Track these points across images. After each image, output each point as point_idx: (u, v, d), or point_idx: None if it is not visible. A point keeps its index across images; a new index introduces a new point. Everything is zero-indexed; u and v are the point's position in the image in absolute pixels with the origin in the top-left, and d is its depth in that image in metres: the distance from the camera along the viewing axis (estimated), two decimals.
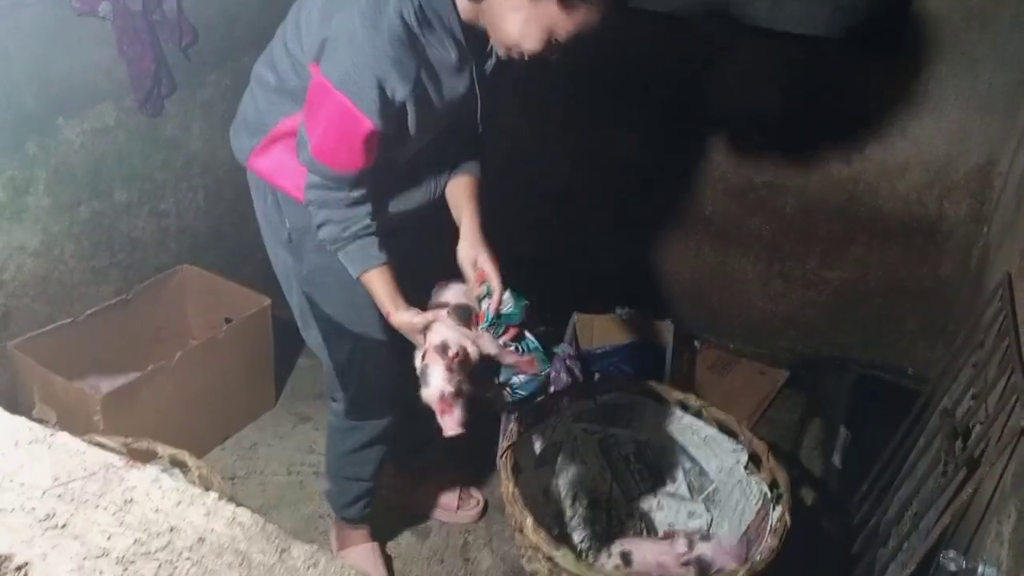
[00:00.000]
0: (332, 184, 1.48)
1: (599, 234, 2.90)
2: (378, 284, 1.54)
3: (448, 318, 1.50)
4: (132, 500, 1.00)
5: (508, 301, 1.54)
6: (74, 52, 2.08)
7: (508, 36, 1.41)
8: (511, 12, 1.38)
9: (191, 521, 0.98)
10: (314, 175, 1.49)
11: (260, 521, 0.99)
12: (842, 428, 2.39)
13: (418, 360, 1.48)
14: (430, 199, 1.69)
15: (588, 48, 1.42)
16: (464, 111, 1.57)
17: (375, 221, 1.54)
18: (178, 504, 1.00)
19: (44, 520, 0.96)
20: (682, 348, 2.73)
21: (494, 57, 1.52)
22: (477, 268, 1.57)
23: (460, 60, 1.47)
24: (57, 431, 1.11)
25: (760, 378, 2.77)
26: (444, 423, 1.45)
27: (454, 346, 1.44)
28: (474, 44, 1.48)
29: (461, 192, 1.68)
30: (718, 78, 2.57)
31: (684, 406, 2.08)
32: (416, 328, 1.50)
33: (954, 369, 2.02)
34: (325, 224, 1.52)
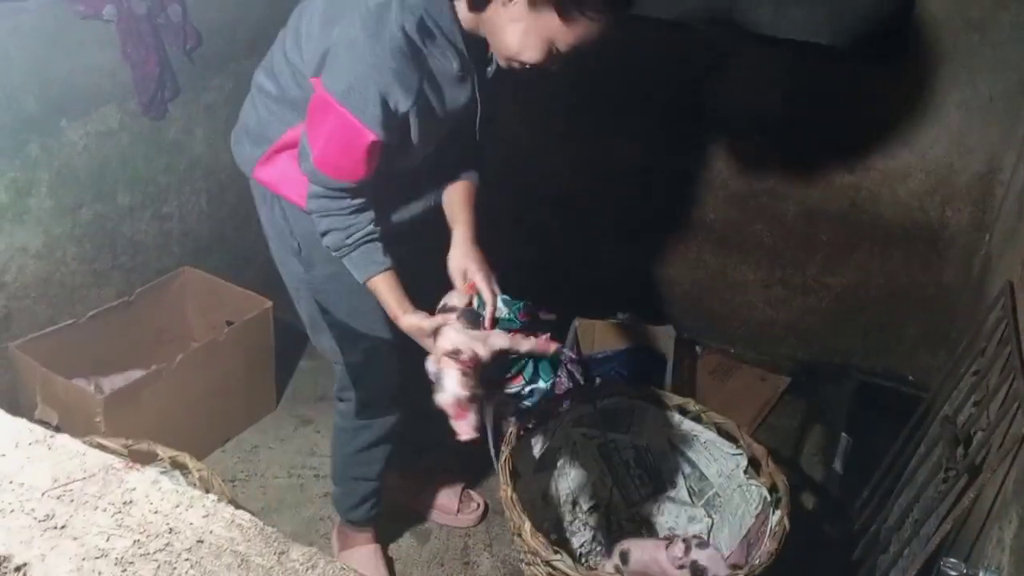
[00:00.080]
0: (334, 193, 1.49)
1: (601, 239, 2.90)
2: (384, 289, 1.55)
3: (457, 322, 1.50)
4: (131, 502, 1.00)
5: (502, 309, 1.54)
6: (78, 55, 2.09)
7: (508, 47, 1.41)
8: (511, 23, 1.38)
9: (190, 523, 0.98)
10: (316, 185, 1.49)
11: (259, 523, 0.99)
12: (843, 435, 2.38)
13: (431, 364, 1.47)
14: (429, 206, 1.69)
15: (590, 54, 1.42)
16: (464, 119, 1.57)
17: (378, 227, 1.54)
18: (177, 506, 1.00)
19: (43, 521, 0.96)
20: (683, 353, 2.72)
21: (495, 63, 1.52)
22: (467, 279, 1.56)
23: (462, 70, 1.47)
24: (57, 433, 1.11)
25: (761, 384, 2.77)
26: (458, 428, 1.45)
27: (467, 350, 1.44)
28: (475, 52, 1.48)
29: (456, 199, 1.68)
30: (720, 84, 2.58)
31: (684, 411, 2.08)
32: (425, 332, 1.49)
33: (955, 376, 2.02)
34: (329, 232, 1.53)
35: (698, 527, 2.07)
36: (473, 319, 1.52)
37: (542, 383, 1.56)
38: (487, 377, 1.48)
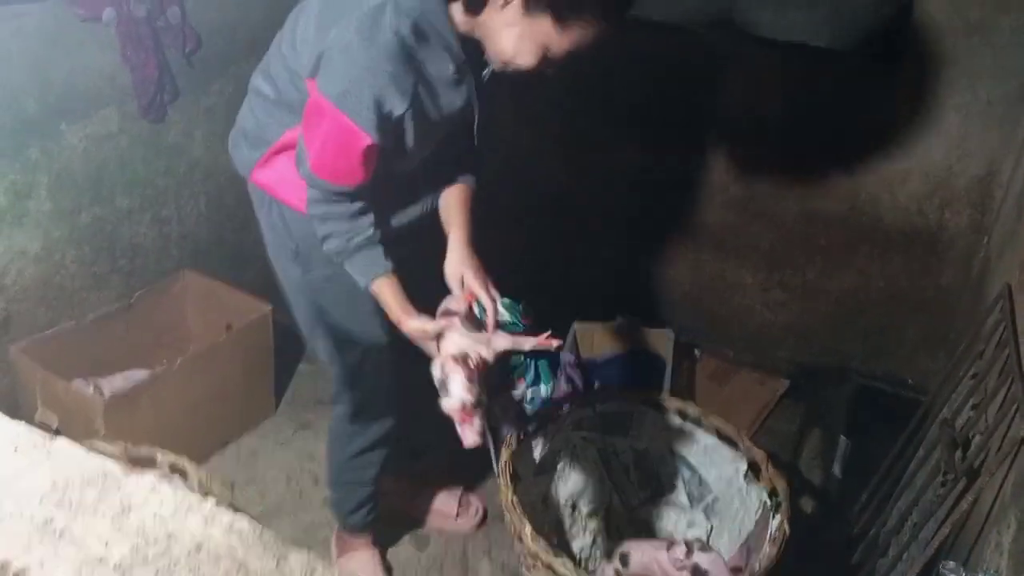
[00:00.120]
0: (333, 198, 1.49)
1: (599, 242, 2.90)
2: (387, 292, 1.54)
3: (462, 325, 1.49)
4: (130, 507, 1.00)
5: (504, 313, 1.53)
6: (77, 58, 2.09)
7: (503, 51, 1.41)
8: (506, 28, 1.38)
9: (189, 528, 0.98)
10: (314, 189, 1.49)
11: (258, 528, 0.99)
12: (842, 438, 2.38)
13: (436, 369, 1.46)
14: (427, 210, 1.69)
15: (589, 57, 1.42)
16: (461, 122, 1.57)
17: (379, 230, 1.54)
18: (176, 511, 1.00)
19: (42, 526, 0.96)
20: (682, 357, 2.73)
21: (490, 67, 1.51)
22: (464, 286, 1.56)
23: (458, 73, 1.47)
24: (57, 436, 1.11)
25: (760, 387, 2.77)
26: (464, 433, 1.45)
27: (473, 355, 1.44)
28: (471, 55, 1.47)
29: (452, 202, 1.68)
30: (719, 87, 2.58)
31: (683, 415, 2.08)
32: (429, 335, 1.49)
33: (954, 379, 2.02)
34: (329, 237, 1.53)
35: (697, 532, 2.07)
36: (477, 322, 1.52)
37: (543, 387, 1.57)
38: (490, 382, 1.48)
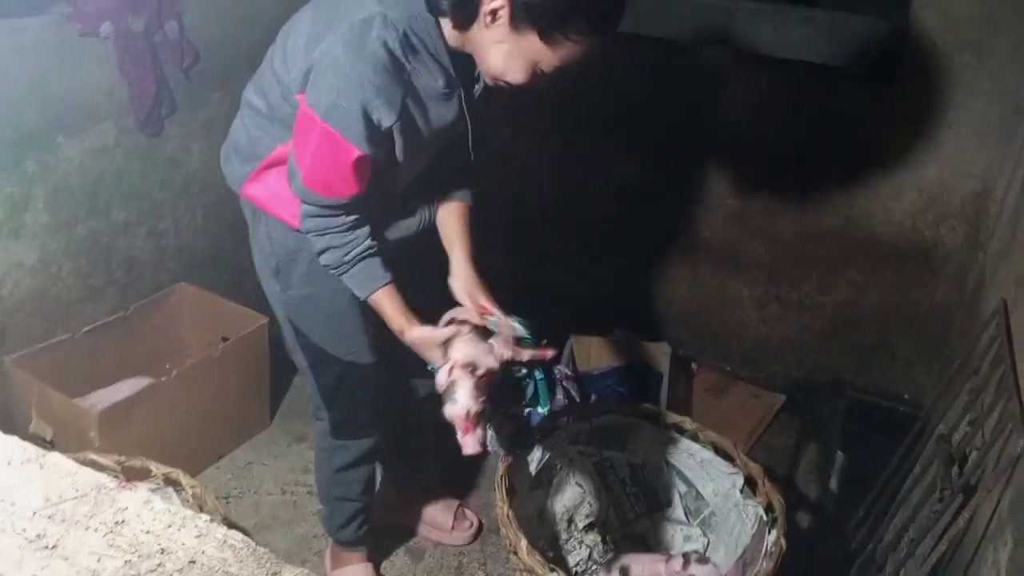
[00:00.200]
0: (328, 212, 1.48)
1: (597, 257, 2.91)
2: (387, 303, 1.54)
3: (470, 333, 1.49)
4: (123, 521, 1.00)
5: (519, 329, 1.53)
6: (75, 72, 2.10)
7: (493, 67, 1.41)
8: (494, 44, 1.38)
9: (182, 543, 0.98)
10: (309, 204, 1.48)
11: (251, 544, 0.99)
12: (838, 452, 2.38)
13: (443, 375, 1.46)
14: (422, 227, 1.69)
15: (587, 73, 1.42)
16: (454, 137, 1.57)
17: (376, 241, 1.54)
18: (169, 526, 1.00)
19: (34, 541, 0.96)
20: (679, 370, 2.73)
21: (482, 82, 1.51)
22: (475, 302, 1.56)
23: (447, 86, 1.47)
24: (50, 449, 1.11)
25: (756, 402, 2.77)
26: (465, 442, 1.45)
27: (482, 364, 1.44)
28: (462, 70, 1.47)
29: (452, 220, 1.68)
30: (716, 103, 2.59)
31: (680, 429, 2.08)
32: (436, 342, 1.48)
33: (950, 395, 2.02)
34: (327, 250, 1.52)
35: (694, 546, 2.06)
36: (483, 333, 1.51)
37: (540, 408, 1.57)
38: (495, 394, 1.48)
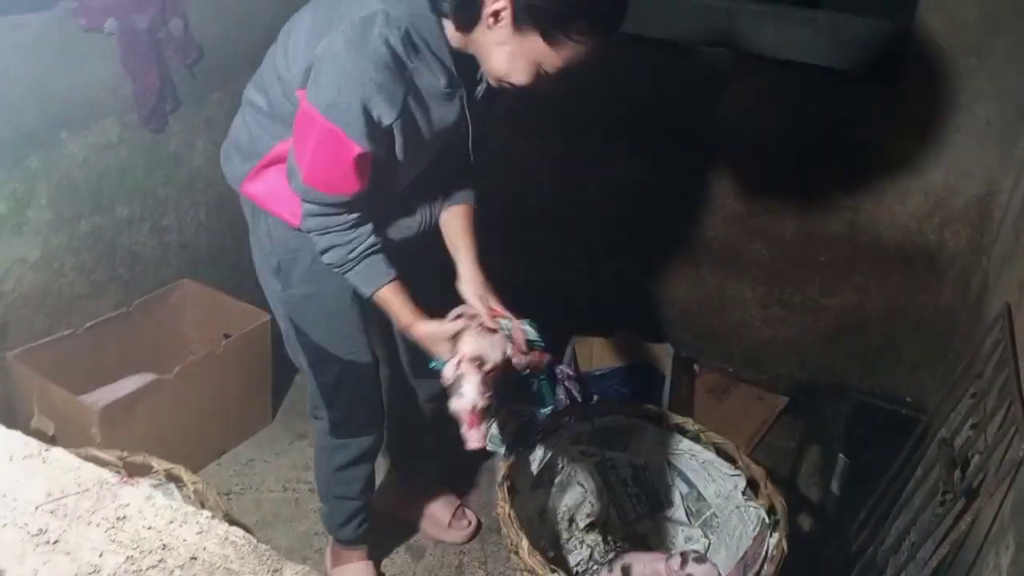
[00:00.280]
0: (330, 210, 1.47)
1: (599, 258, 2.90)
2: (393, 299, 1.54)
3: (478, 328, 1.49)
4: (125, 517, 1.00)
5: (530, 331, 1.53)
6: (79, 68, 2.10)
7: (496, 69, 1.40)
8: (497, 46, 1.37)
9: (184, 539, 0.97)
10: (310, 203, 1.48)
11: (253, 540, 0.99)
12: (841, 455, 2.38)
13: (450, 369, 1.46)
14: (424, 227, 1.69)
15: (590, 74, 1.42)
16: (456, 138, 1.56)
17: (379, 238, 1.54)
18: (171, 522, 0.99)
19: (36, 536, 0.96)
20: (681, 371, 2.72)
21: (485, 83, 1.50)
22: (487, 305, 1.56)
23: (449, 86, 1.46)
24: (53, 444, 1.11)
25: (759, 404, 2.77)
26: (469, 436, 1.45)
27: (490, 359, 1.44)
28: (464, 70, 1.46)
29: (456, 223, 1.67)
30: (719, 104, 2.58)
31: (682, 430, 2.07)
32: (445, 336, 1.48)
33: (953, 398, 2.01)
34: (330, 249, 1.51)
35: (695, 547, 2.06)
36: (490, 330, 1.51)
37: (542, 408, 1.57)
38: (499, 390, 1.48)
